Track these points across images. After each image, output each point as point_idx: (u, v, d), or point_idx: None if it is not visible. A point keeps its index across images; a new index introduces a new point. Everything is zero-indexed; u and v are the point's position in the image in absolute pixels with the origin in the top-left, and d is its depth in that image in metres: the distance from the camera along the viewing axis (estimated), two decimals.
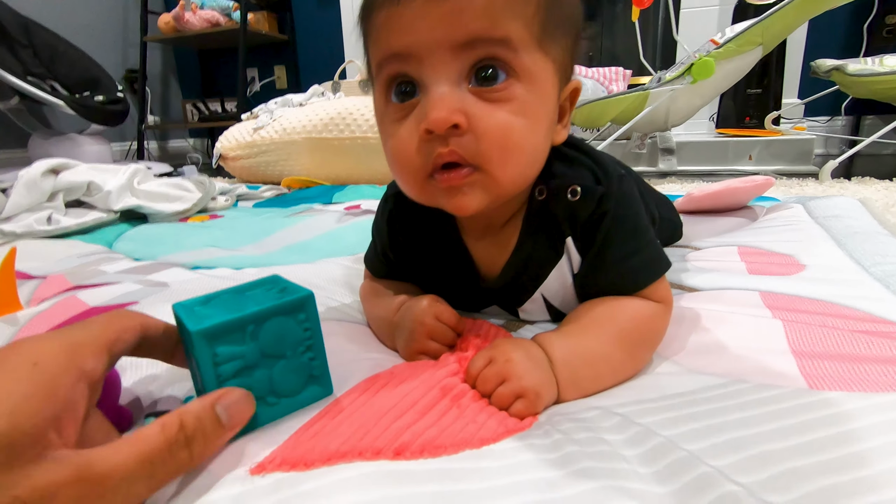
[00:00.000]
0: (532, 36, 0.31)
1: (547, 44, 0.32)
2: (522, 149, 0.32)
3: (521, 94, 0.31)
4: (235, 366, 0.28)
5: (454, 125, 0.30)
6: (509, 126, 0.31)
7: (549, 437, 0.28)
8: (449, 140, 0.31)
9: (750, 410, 0.28)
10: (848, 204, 0.77)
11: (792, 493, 0.22)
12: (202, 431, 0.25)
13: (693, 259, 0.59)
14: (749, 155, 1.49)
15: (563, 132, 0.37)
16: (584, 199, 0.36)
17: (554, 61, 0.33)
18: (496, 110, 0.31)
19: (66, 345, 0.24)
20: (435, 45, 0.30)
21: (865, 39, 1.80)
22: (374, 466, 0.26)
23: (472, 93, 0.31)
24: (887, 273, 0.49)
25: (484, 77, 0.31)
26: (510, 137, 0.31)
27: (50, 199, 0.95)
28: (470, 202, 0.33)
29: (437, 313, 0.38)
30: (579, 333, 0.35)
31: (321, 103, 1.48)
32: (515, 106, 0.31)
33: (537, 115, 0.33)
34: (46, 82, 1.86)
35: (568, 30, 0.34)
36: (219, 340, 0.28)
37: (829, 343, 0.36)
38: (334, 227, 0.85)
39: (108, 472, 0.22)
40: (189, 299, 0.31)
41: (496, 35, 0.30)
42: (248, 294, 0.31)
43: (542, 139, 0.34)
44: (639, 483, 0.24)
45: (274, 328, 0.29)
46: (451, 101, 0.30)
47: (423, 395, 0.32)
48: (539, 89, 0.32)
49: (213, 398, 0.26)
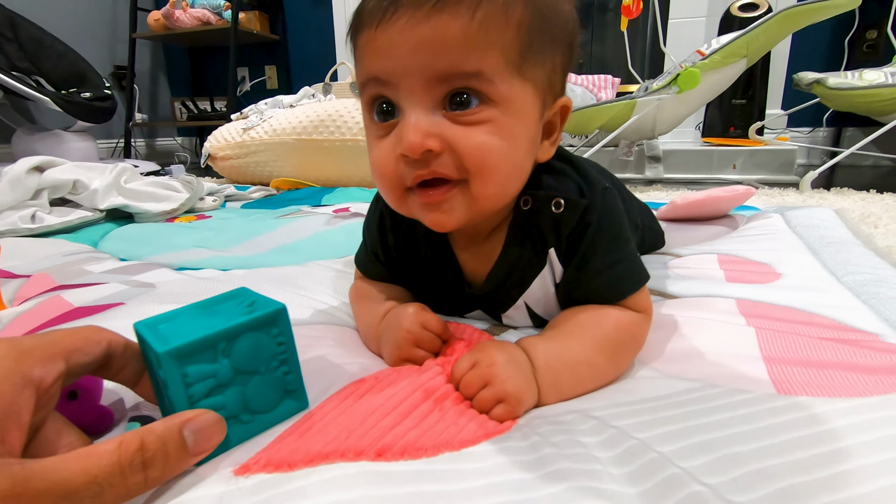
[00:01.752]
0: (509, 63, 0.32)
1: (527, 68, 0.32)
2: (501, 167, 0.33)
3: (496, 117, 0.32)
4: (207, 385, 0.27)
5: (428, 150, 0.31)
6: (487, 146, 0.32)
7: (527, 440, 0.28)
8: (430, 163, 0.32)
9: (721, 414, 0.30)
10: (824, 214, 0.79)
11: (755, 493, 0.24)
12: (163, 454, 0.24)
13: (674, 266, 0.60)
14: (733, 164, 1.53)
15: (549, 149, 0.38)
16: (567, 212, 0.37)
17: (535, 83, 0.33)
18: (472, 132, 0.32)
19: (14, 351, 0.24)
20: (410, 73, 0.31)
21: (846, 53, 1.85)
22: (356, 467, 0.26)
23: (447, 117, 0.32)
24: (858, 282, 0.51)
25: (458, 102, 0.32)
26: (488, 157, 0.32)
27: (34, 196, 0.94)
28: (448, 219, 0.34)
29: (423, 322, 0.38)
30: (562, 338, 0.36)
31: (312, 105, 1.48)
32: (491, 127, 0.32)
33: (514, 135, 0.33)
34: (32, 77, 1.84)
35: (556, 48, 0.34)
36: (189, 360, 0.26)
37: (798, 350, 0.37)
38: (323, 229, 0.85)
39: (47, 488, 0.20)
40: (150, 317, 0.29)
41: (468, 69, 0.31)
42: (215, 309, 0.30)
43: (521, 158, 0.35)
44: (611, 484, 0.24)
45: (247, 344, 0.28)
46: (425, 126, 0.31)
47: (406, 397, 0.32)
48: (516, 112, 0.33)
49: (183, 419, 0.25)
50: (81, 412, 0.30)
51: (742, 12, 1.67)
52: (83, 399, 0.30)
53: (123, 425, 0.32)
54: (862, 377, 0.33)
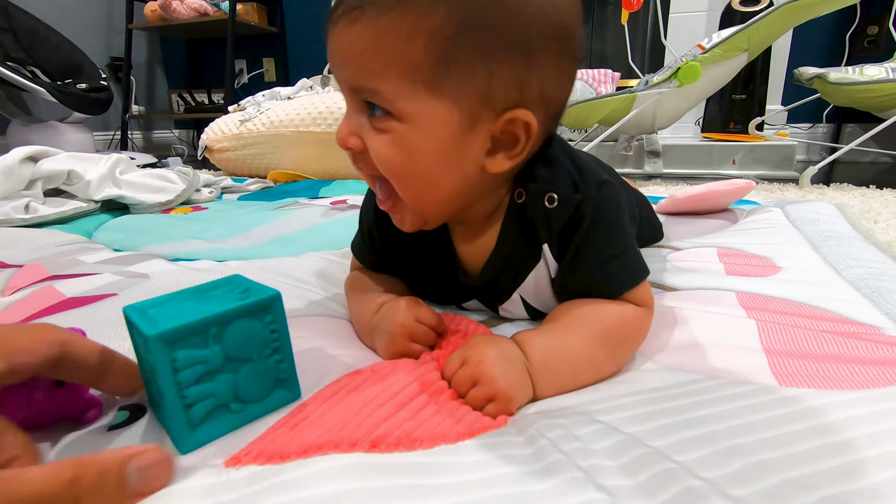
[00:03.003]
0: (414, 82, 0.31)
1: (440, 84, 0.31)
2: (406, 177, 0.34)
3: (398, 129, 0.32)
4: (197, 371, 0.27)
5: (350, 148, 0.34)
6: (387, 156, 0.33)
7: (523, 434, 0.28)
8: (358, 161, 0.35)
9: (720, 406, 0.29)
10: (825, 209, 0.78)
11: (756, 486, 0.23)
12: (99, 491, 0.21)
13: (674, 259, 0.60)
14: (733, 159, 1.52)
15: (503, 161, 0.34)
16: (560, 207, 0.36)
17: (453, 98, 0.31)
18: (380, 139, 0.33)
19: None
20: (337, 78, 0.34)
21: (847, 49, 1.84)
22: (350, 458, 0.26)
23: (368, 121, 0.33)
24: (858, 276, 0.50)
25: (372, 108, 0.33)
26: (390, 165, 0.33)
27: (28, 186, 0.93)
28: (401, 221, 0.37)
29: (417, 315, 0.38)
30: (562, 332, 0.35)
31: (309, 97, 1.47)
32: (394, 138, 0.32)
33: (417, 150, 0.32)
34: (27, 68, 1.82)
35: (492, 57, 0.30)
36: (179, 345, 0.26)
37: (799, 342, 0.37)
38: (320, 221, 0.84)
39: None
40: (141, 302, 0.29)
41: (368, 87, 0.32)
42: (208, 295, 0.30)
43: (434, 172, 0.34)
44: (608, 477, 0.24)
45: (239, 330, 0.28)
46: (348, 127, 0.34)
47: (401, 388, 0.32)
48: (420, 128, 0.32)
49: (129, 454, 0.22)
50: (68, 401, 0.29)
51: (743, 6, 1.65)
52: (71, 388, 0.29)
53: (112, 414, 0.31)
54: (864, 370, 0.32)
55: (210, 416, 0.28)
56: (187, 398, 0.27)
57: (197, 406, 0.27)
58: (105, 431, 0.30)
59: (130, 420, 0.30)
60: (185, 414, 0.27)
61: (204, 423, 0.28)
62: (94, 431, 0.29)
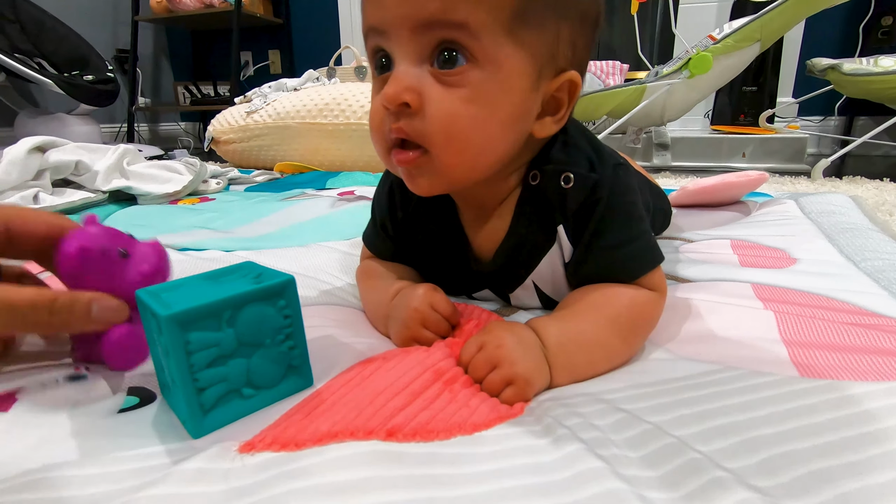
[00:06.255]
0: (498, 22, 0.30)
1: (520, 31, 0.31)
2: (469, 138, 0.32)
3: (477, 81, 0.31)
4: (210, 354, 0.26)
5: (405, 103, 0.31)
6: (456, 113, 0.31)
7: (541, 423, 0.28)
8: (400, 117, 0.32)
9: (741, 397, 0.29)
10: (840, 200, 0.77)
11: (782, 477, 0.23)
12: (69, 311, 0.28)
13: (686, 251, 0.59)
14: (743, 152, 1.50)
15: (551, 126, 0.35)
16: (576, 187, 0.36)
17: (530, 50, 0.31)
18: (448, 95, 0.31)
19: None
20: (399, 22, 0.31)
21: (861, 40, 1.81)
22: (367, 446, 0.25)
23: (432, 74, 0.31)
24: (876, 268, 0.49)
25: (445, 59, 0.31)
26: (455, 124, 0.31)
27: (36, 177, 0.93)
28: (420, 184, 0.34)
29: (432, 302, 0.37)
30: (575, 318, 0.35)
31: (316, 88, 1.46)
32: (469, 92, 0.31)
33: (495, 104, 0.32)
34: (34, 60, 1.82)
35: (563, 15, 0.32)
36: (192, 326, 0.26)
37: (819, 333, 0.36)
38: (327, 212, 0.84)
39: None
40: (154, 286, 0.29)
41: (454, 19, 0.29)
42: (221, 279, 0.29)
43: (498, 130, 0.33)
44: (629, 468, 0.24)
45: (252, 315, 0.28)
46: (407, 79, 0.31)
47: (416, 377, 0.31)
48: (502, 78, 0.31)
49: (93, 296, 0.29)
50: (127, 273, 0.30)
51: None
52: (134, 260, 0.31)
53: (122, 396, 0.31)
54: (886, 361, 0.32)
55: (222, 401, 0.28)
56: (199, 381, 0.26)
57: (209, 390, 0.27)
58: (115, 414, 0.29)
59: (141, 405, 0.30)
60: (198, 398, 0.27)
61: (216, 408, 0.27)
62: (104, 414, 0.29)
